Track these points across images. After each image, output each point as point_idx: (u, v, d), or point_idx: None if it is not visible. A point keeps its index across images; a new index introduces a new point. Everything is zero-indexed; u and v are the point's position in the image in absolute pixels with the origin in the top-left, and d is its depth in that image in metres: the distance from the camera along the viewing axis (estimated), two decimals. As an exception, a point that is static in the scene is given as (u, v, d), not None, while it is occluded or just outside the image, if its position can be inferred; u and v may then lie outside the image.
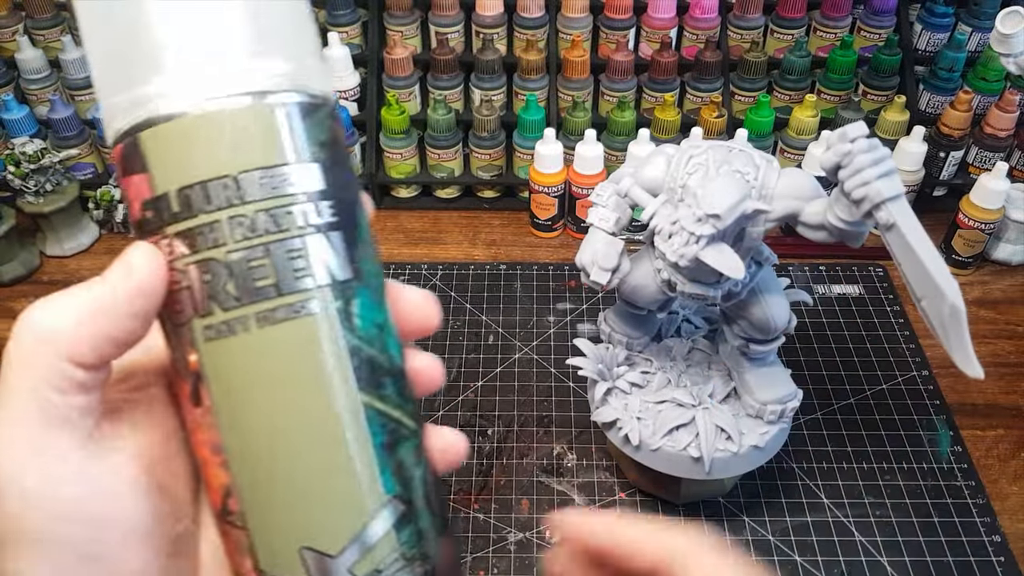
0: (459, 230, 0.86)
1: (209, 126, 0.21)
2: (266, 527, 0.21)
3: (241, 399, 0.21)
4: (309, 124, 0.22)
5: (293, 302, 0.21)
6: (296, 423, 0.21)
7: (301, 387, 0.21)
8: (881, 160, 0.40)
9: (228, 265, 0.21)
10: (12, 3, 0.87)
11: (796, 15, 0.85)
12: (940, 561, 0.55)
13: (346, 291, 0.22)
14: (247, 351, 0.21)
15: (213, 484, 0.22)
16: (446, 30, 0.87)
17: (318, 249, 0.21)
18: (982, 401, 0.66)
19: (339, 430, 0.21)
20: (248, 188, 0.21)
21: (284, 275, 0.21)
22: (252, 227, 0.21)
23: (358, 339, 0.22)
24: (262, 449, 0.21)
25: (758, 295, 0.49)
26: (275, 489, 0.21)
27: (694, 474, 0.52)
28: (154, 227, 0.21)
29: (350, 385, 0.22)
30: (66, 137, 0.82)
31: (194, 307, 0.21)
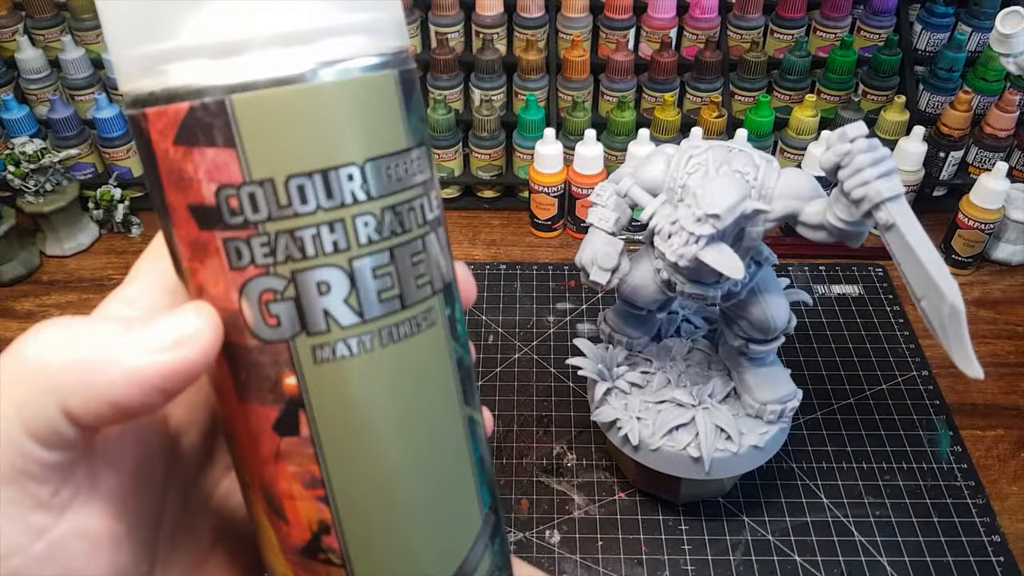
0: (459, 230, 0.86)
1: (330, 98, 0.16)
2: (373, 562, 0.19)
3: (355, 427, 0.18)
4: (416, 96, 0.18)
5: (416, 314, 0.18)
6: (414, 450, 0.19)
7: (420, 411, 0.19)
8: (881, 160, 0.40)
9: (352, 274, 0.17)
10: (12, 3, 0.87)
11: (796, 15, 0.85)
12: (940, 561, 0.55)
13: (451, 294, 0.20)
14: (367, 374, 0.18)
15: (298, 520, 0.19)
16: (446, 30, 0.87)
17: (433, 249, 0.19)
18: (982, 401, 0.66)
19: (453, 452, 0.19)
20: (375, 180, 0.17)
21: (408, 284, 0.18)
22: (379, 228, 0.17)
23: (460, 347, 0.20)
24: (376, 480, 0.18)
25: (758, 295, 0.49)
26: (387, 522, 0.19)
27: (694, 474, 0.52)
28: (241, 220, 0.17)
29: (458, 400, 0.20)
30: (66, 137, 0.82)
31: (301, 322, 0.17)
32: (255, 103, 0.16)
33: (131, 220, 0.84)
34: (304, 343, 0.17)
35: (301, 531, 0.19)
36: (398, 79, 0.18)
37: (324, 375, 0.17)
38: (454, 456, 0.20)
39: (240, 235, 0.17)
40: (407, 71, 0.18)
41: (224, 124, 0.16)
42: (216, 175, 0.16)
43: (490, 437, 0.63)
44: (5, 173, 0.76)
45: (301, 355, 0.17)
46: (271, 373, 0.18)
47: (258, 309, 0.17)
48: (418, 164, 0.18)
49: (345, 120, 0.17)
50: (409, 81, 0.18)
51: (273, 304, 0.17)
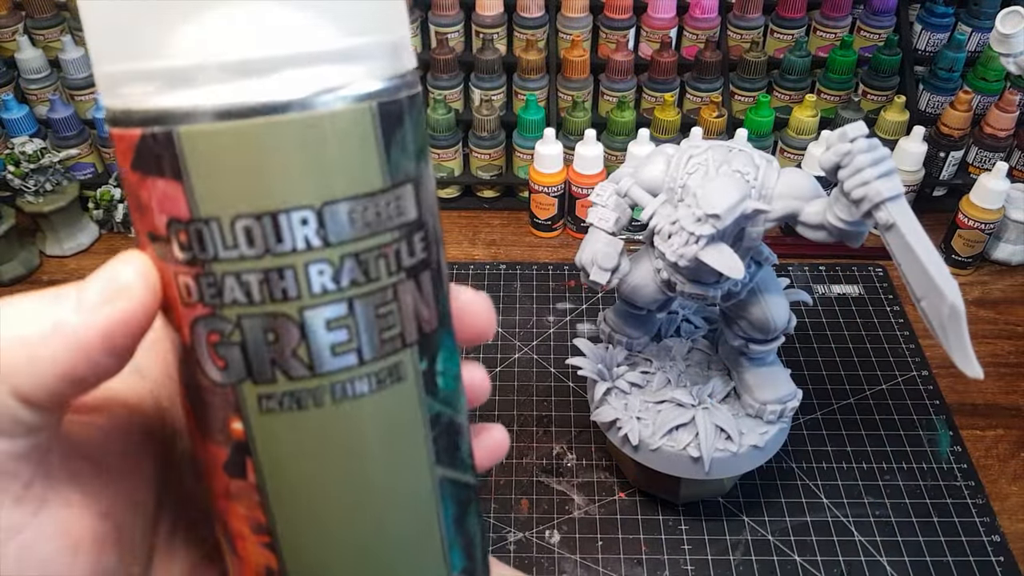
0: (459, 230, 0.86)
1: (285, 135, 0.15)
2: None
3: (302, 485, 0.17)
4: (407, 128, 0.16)
5: (378, 370, 0.17)
6: (367, 514, 0.17)
7: (376, 474, 0.17)
8: (881, 160, 0.40)
9: (302, 325, 0.16)
10: (12, 3, 0.87)
11: (796, 15, 0.85)
12: (940, 561, 0.55)
13: (432, 346, 0.18)
14: (316, 429, 0.17)
15: (249, 560, 0.18)
16: (446, 30, 0.87)
17: (408, 299, 0.17)
18: (982, 401, 0.66)
19: (415, 516, 0.18)
20: (335, 224, 0.15)
21: (369, 337, 0.16)
22: (336, 277, 0.16)
23: (440, 404, 0.18)
24: (323, 541, 0.17)
25: (758, 295, 0.49)
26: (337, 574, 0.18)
27: (694, 474, 0.52)
28: (189, 257, 0.16)
29: (429, 461, 0.18)
30: (66, 137, 0.82)
31: (247, 369, 0.16)
32: (201, 137, 0.15)
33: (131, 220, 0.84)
34: (250, 390, 0.16)
35: (252, 572, 0.18)
36: (376, 112, 0.16)
37: (270, 425, 0.16)
38: (415, 518, 0.18)
39: (189, 272, 0.16)
40: (394, 102, 0.16)
41: (172, 156, 0.15)
42: (166, 207, 0.15)
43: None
44: (5, 173, 0.76)
45: (248, 402, 0.16)
46: (220, 415, 0.17)
47: (206, 349, 0.16)
48: (397, 205, 0.16)
49: (299, 159, 0.15)
50: (394, 114, 0.16)
51: (219, 347, 0.16)
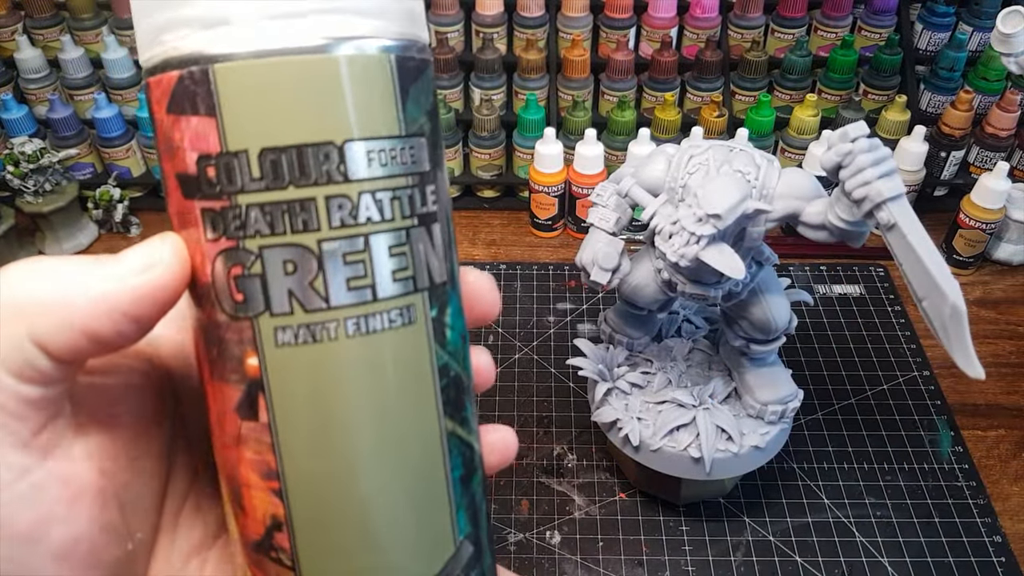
0: (459, 230, 0.86)
1: (312, 74, 0.16)
2: (322, 571, 0.18)
3: (313, 420, 0.17)
4: (422, 85, 0.18)
5: (390, 309, 0.17)
6: (375, 454, 0.18)
7: (386, 412, 0.18)
8: (882, 160, 0.39)
9: (320, 257, 0.17)
10: (11, 3, 0.87)
11: (797, 14, 0.85)
12: (941, 561, 0.55)
13: (441, 296, 0.19)
14: (330, 364, 0.17)
15: (254, 512, 0.18)
16: (446, 29, 0.86)
17: (420, 246, 0.18)
18: (983, 401, 0.66)
19: (423, 466, 0.18)
20: (354, 162, 0.17)
21: (383, 275, 0.17)
22: (353, 212, 0.17)
23: (448, 355, 0.19)
24: (331, 480, 0.17)
25: (759, 295, 0.49)
26: (342, 530, 0.18)
27: (694, 475, 0.52)
28: (216, 191, 0.17)
29: (439, 411, 0.18)
30: (65, 137, 0.82)
31: (265, 300, 0.17)
32: (236, 73, 0.16)
33: (130, 220, 0.84)
34: (267, 323, 0.17)
35: (256, 524, 0.18)
36: (394, 64, 0.17)
37: (285, 359, 0.17)
38: (424, 470, 0.18)
39: (215, 206, 0.17)
40: (410, 59, 0.17)
41: (206, 93, 0.16)
42: (197, 144, 0.16)
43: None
44: (4, 173, 0.76)
45: (264, 336, 0.17)
46: (236, 351, 0.17)
47: (227, 283, 0.17)
48: (411, 154, 0.17)
49: (326, 98, 0.16)
50: (412, 69, 0.17)
51: (241, 279, 0.17)
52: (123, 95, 0.86)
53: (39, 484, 0.17)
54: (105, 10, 0.88)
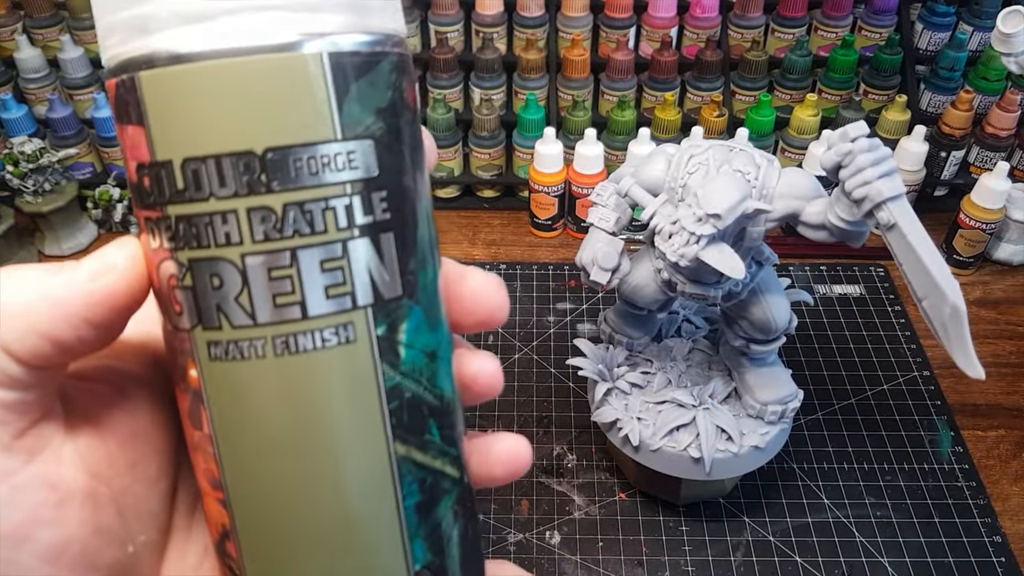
0: (459, 230, 0.86)
1: (230, 78, 0.15)
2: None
3: (246, 438, 0.17)
4: (367, 83, 0.16)
5: (322, 327, 0.16)
6: (311, 478, 0.17)
7: (321, 435, 0.17)
8: (882, 160, 0.39)
9: (243, 272, 0.16)
10: (11, 2, 0.87)
11: (797, 14, 0.85)
12: (941, 562, 0.55)
13: (392, 313, 0.17)
14: (258, 382, 0.16)
15: (211, 518, 0.18)
16: (446, 29, 0.86)
17: (362, 258, 0.17)
18: (983, 401, 0.66)
19: (366, 492, 0.17)
20: (276, 171, 0.16)
21: (313, 292, 0.16)
22: (278, 225, 0.16)
23: (400, 375, 0.18)
24: (267, 501, 0.17)
25: (759, 295, 0.49)
26: (279, 549, 0.17)
27: (694, 475, 0.52)
28: (151, 200, 0.16)
29: (383, 435, 0.17)
30: (64, 136, 0.82)
31: (197, 314, 0.16)
32: (157, 81, 0.15)
33: (130, 220, 0.84)
34: (201, 336, 0.17)
35: (213, 529, 0.18)
36: (326, 61, 0.16)
37: (218, 374, 0.17)
38: (368, 496, 0.17)
39: (152, 215, 0.16)
40: (353, 54, 0.16)
41: (136, 101, 0.16)
42: (134, 153, 0.16)
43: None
44: (4, 173, 0.76)
45: (199, 348, 0.17)
46: (181, 361, 0.17)
47: (168, 293, 0.17)
48: (349, 159, 0.16)
49: (245, 103, 0.15)
50: (355, 65, 0.16)
51: (177, 290, 0.17)
52: (123, 95, 0.86)
53: (22, 486, 0.17)
54: (105, 10, 0.88)
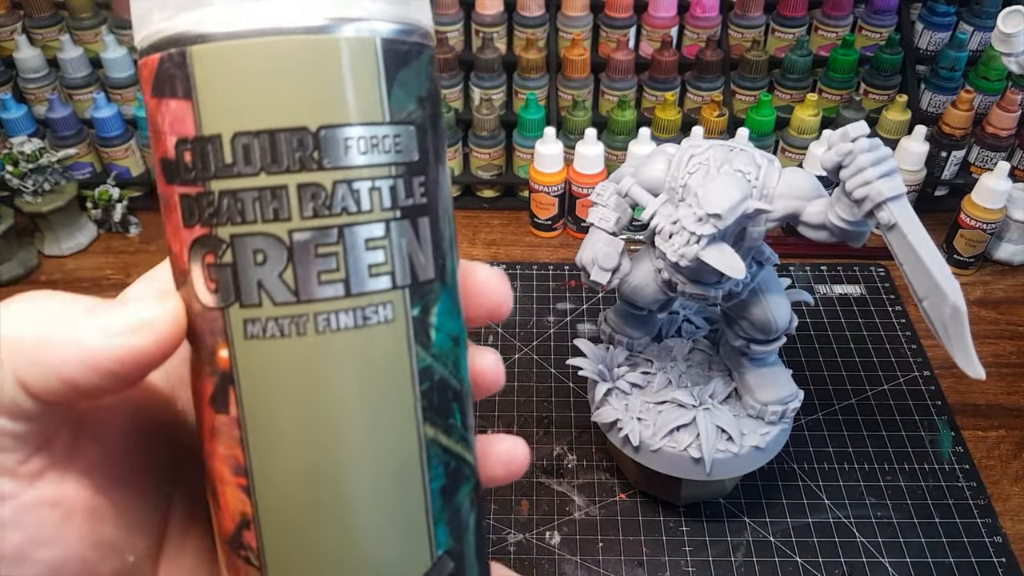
0: (459, 230, 0.86)
1: (290, 56, 0.16)
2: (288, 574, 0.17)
3: (280, 419, 0.17)
4: (411, 72, 0.17)
5: (364, 306, 0.17)
6: (346, 459, 0.17)
7: (356, 414, 0.17)
8: (882, 160, 0.39)
9: (291, 248, 0.16)
10: (11, 2, 0.87)
11: (797, 14, 0.85)
12: (941, 562, 0.54)
13: (426, 295, 0.18)
14: (298, 360, 0.16)
15: (226, 507, 0.18)
16: (446, 29, 0.86)
17: (403, 239, 0.17)
18: (984, 402, 0.66)
19: (397, 472, 0.17)
20: (329, 149, 0.16)
21: (357, 270, 0.16)
22: (327, 202, 0.16)
23: (431, 357, 0.18)
24: (297, 483, 0.17)
25: (759, 295, 0.49)
26: (308, 534, 0.17)
27: (695, 475, 0.52)
28: (191, 176, 0.16)
29: (416, 416, 0.17)
30: (64, 136, 0.82)
31: (235, 291, 0.16)
32: (211, 56, 0.16)
33: (129, 220, 0.84)
34: (237, 315, 0.16)
35: (228, 521, 0.18)
36: (379, 47, 0.16)
37: (253, 353, 0.16)
38: (397, 478, 0.17)
39: (191, 191, 0.16)
40: (400, 42, 0.17)
41: (184, 76, 0.16)
42: (176, 128, 0.16)
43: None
44: (3, 173, 0.76)
45: (233, 327, 0.16)
46: (209, 342, 0.17)
47: (201, 272, 0.17)
48: (396, 142, 0.17)
49: (299, 81, 0.16)
50: (401, 53, 0.17)
51: (213, 268, 0.16)
52: (122, 95, 0.86)
53: (24, 507, 0.17)
54: (104, 10, 0.88)
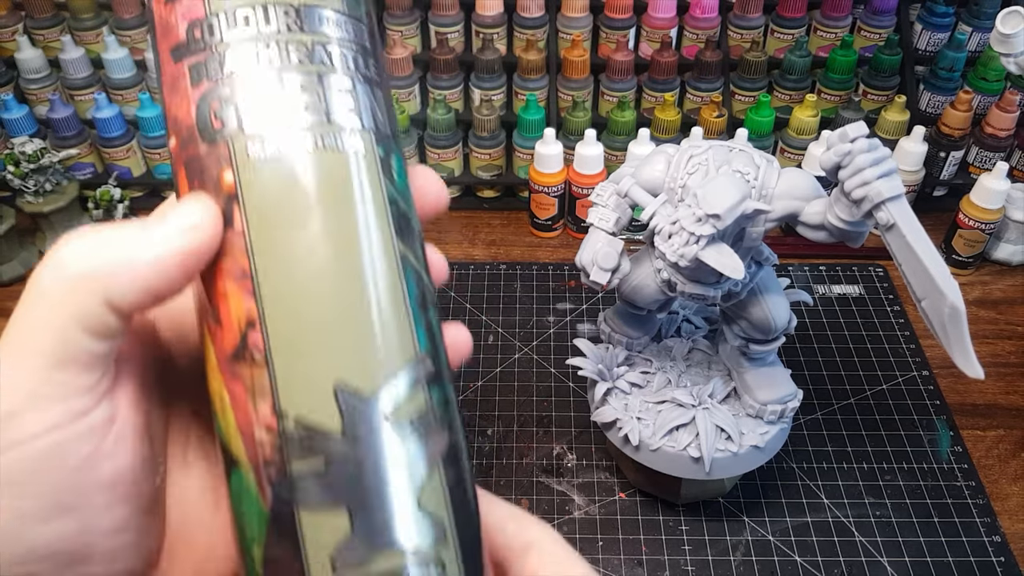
0: (459, 230, 0.86)
1: None
2: (296, 361, 0.20)
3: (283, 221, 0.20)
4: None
5: (341, 131, 0.21)
6: (343, 252, 0.20)
7: (349, 216, 0.20)
8: (881, 160, 0.40)
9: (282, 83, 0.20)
10: (12, 3, 0.87)
11: (796, 15, 0.85)
12: (940, 561, 0.55)
13: (385, 145, 0.22)
14: (294, 173, 0.20)
15: (231, 319, 0.20)
16: (446, 30, 0.87)
17: (366, 96, 0.21)
18: (982, 401, 0.66)
19: (382, 268, 0.21)
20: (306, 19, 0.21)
21: (334, 105, 0.21)
22: (309, 56, 0.21)
23: (395, 191, 0.22)
24: (299, 281, 0.20)
25: (758, 295, 0.49)
26: (311, 318, 0.20)
27: (694, 474, 0.52)
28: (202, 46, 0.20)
29: (390, 230, 0.21)
30: (65, 137, 0.82)
31: (238, 123, 0.20)
32: None
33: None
34: (240, 140, 0.20)
35: (232, 333, 0.20)
36: None
37: (256, 169, 0.20)
38: (382, 277, 0.21)
39: (200, 58, 0.20)
40: None
41: None
42: (188, 15, 0.21)
43: (489, 436, 0.63)
44: (5, 173, 0.76)
45: (237, 152, 0.20)
46: (214, 172, 0.20)
47: (208, 116, 0.20)
48: (352, 28, 0.22)
49: None
50: None
51: (219, 110, 0.20)
52: (123, 95, 0.86)
53: (94, 423, 0.20)
54: (105, 10, 0.88)
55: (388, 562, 0.19)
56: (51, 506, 0.19)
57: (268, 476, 0.19)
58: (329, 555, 0.19)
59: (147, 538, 0.22)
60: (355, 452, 0.19)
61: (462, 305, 0.76)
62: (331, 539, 0.19)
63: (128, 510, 0.21)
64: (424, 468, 0.20)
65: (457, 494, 0.21)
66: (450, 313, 0.75)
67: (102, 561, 0.20)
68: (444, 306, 0.75)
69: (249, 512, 0.20)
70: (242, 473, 0.20)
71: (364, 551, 0.19)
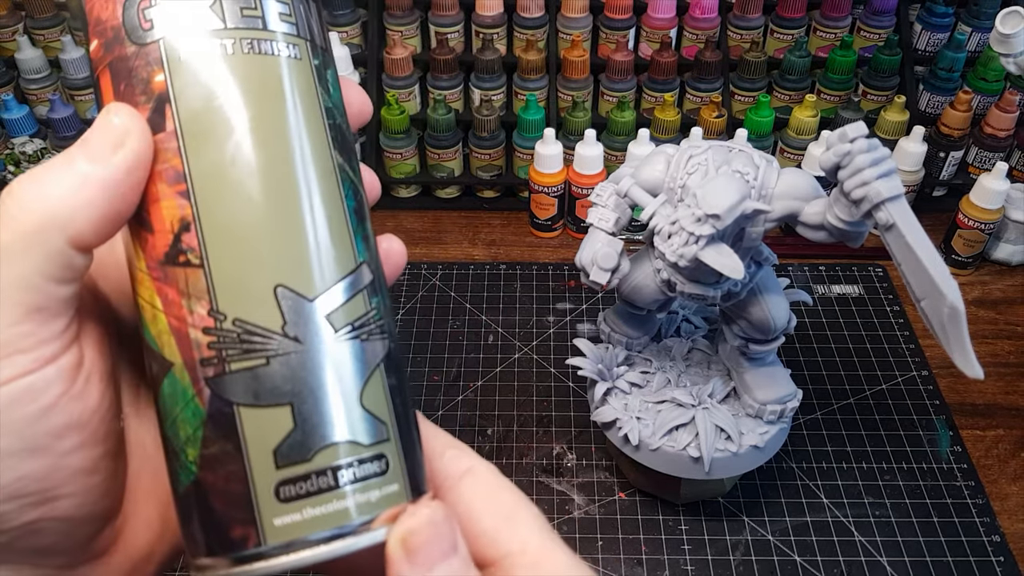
0: (459, 230, 0.86)
1: None
2: (233, 261, 0.19)
3: (218, 121, 0.20)
4: None
5: (277, 38, 0.21)
6: (277, 155, 0.20)
7: (282, 119, 0.20)
8: (880, 160, 0.40)
9: None
10: (12, 3, 0.87)
11: (796, 15, 0.85)
12: (940, 561, 0.55)
13: (321, 56, 0.22)
14: (226, 73, 0.20)
15: (163, 222, 0.20)
16: (446, 30, 0.87)
17: (300, 6, 0.22)
18: (982, 401, 0.66)
19: (320, 173, 0.20)
20: None
21: (270, 12, 0.21)
22: None
23: (331, 103, 0.22)
24: (236, 175, 0.20)
25: (758, 295, 0.49)
26: (248, 220, 0.20)
27: (694, 474, 0.52)
28: None
29: (327, 139, 0.21)
30: (66, 137, 0.82)
31: (169, 23, 0.20)
32: None
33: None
34: (172, 42, 0.20)
35: (164, 236, 0.20)
36: None
37: (187, 70, 0.20)
38: (318, 183, 0.20)
39: None
40: None
41: None
42: None
43: (489, 435, 0.63)
44: (5, 173, 0.76)
45: (168, 53, 0.20)
46: (144, 74, 0.20)
47: (137, 17, 0.20)
48: None
49: None
50: None
51: (148, 10, 0.20)
52: (123, 95, 0.86)
53: (63, 367, 0.20)
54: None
55: (331, 457, 0.19)
56: (20, 447, 0.19)
57: (205, 376, 0.19)
58: (271, 451, 0.19)
59: (113, 482, 0.22)
60: (297, 351, 0.19)
61: (462, 305, 0.76)
62: (273, 436, 0.19)
63: (96, 452, 0.21)
64: (366, 369, 0.20)
65: (398, 398, 0.21)
66: (450, 313, 0.75)
67: (70, 503, 0.20)
68: (444, 306, 0.76)
69: (184, 413, 0.20)
70: (176, 376, 0.20)
71: (307, 446, 0.19)
